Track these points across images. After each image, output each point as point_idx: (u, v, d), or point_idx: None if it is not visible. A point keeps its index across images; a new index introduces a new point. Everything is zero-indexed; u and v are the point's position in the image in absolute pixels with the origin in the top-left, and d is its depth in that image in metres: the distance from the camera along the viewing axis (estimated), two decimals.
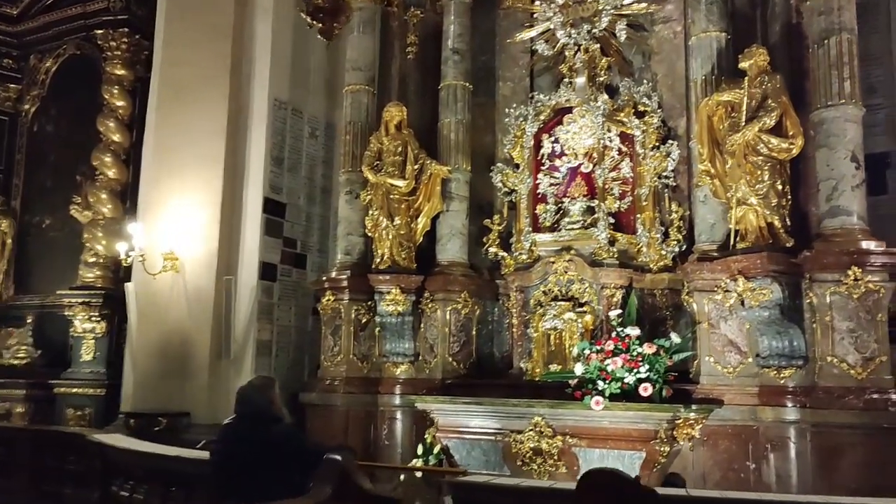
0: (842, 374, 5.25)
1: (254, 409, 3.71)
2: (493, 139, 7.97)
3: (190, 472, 4.47)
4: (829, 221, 5.51)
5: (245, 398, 3.76)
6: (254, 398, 3.74)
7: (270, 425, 3.72)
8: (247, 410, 3.72)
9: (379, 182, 7.26)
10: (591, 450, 5.80)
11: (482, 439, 6.28)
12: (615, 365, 5.73)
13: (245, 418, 3.72)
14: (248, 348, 7.90)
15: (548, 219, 7.16)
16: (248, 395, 3.76)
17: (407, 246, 7.33)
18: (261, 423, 3.68)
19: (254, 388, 3.80)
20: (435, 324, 7.22)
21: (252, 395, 3.75)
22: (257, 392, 3.77)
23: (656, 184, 6.94)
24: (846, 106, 5.56)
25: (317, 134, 8.95)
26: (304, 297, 8.60)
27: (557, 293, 6.71)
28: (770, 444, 5.67)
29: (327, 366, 7.48)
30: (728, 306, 5.93)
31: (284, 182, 8.47)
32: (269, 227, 8.20)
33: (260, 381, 3.91)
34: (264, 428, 3.67)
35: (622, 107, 7.14)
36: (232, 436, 3.73)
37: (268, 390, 3.85)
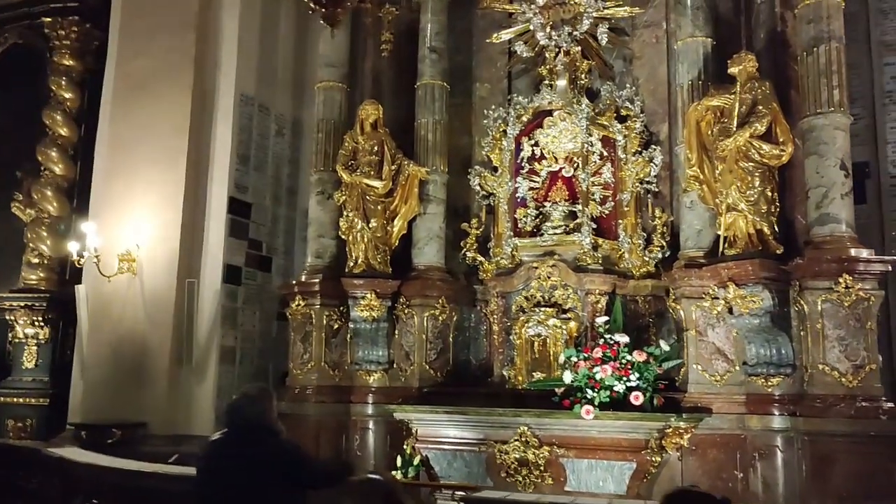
0: (833, 381, 5.23)
1: (247, 422, 3.40)
2: (470, 141, 7.79)
3: (166, 489, 4.11)
4: (818, 229, 5.49)
5: (237, 409, 3.44)
6: (247, 409, 3.43)
7: (265, 439, 3.42)
8: (238, 423, 3.40)
9: (354, 182, 6.99)
10: (579, 460, 5.65)
11: (464, 450, 6.08)
12: (605, 373, 5.60)
13: (236, 432, 3.40)
14: (211, 355, 7.51)
15: (528, 223, 7.00)
16: (240, 406, 3.45)
17: (382, 249, 7.07)
18: (254, 437, 3.38)
19: (247, 398, 3.48)
20: (411, 330, 6.98)
21: (245, 406, 3.44)
22: (251, 403, 3.46)
23: (638, 189, 6.86)
24: (835, 114, 5.56)
25: (284, 132, 8.63)
26: (269, 301, 8.25)
27: (540, 299, 6.56)
28: (758, 453, 5.62)
29: (297, 374, 7.15)
30: (716, 313, 5.87)
31: (250, 181, 8.12)
32: (233, 228, 7.84)
33: (254, 390, 3.59)
34: (258, 442, 3.37)
35: (603, 111, 7.05)
36: (221, 452, 3.40)
37: (263, 401, 3.54)
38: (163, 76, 7.95)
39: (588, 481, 5.63)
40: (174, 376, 7.45)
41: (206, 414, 7.42)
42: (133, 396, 7.38)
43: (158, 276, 7.57)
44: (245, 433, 3.40)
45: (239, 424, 3.43)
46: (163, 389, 7.40)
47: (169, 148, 7.77)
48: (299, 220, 8.70)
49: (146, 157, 7.84)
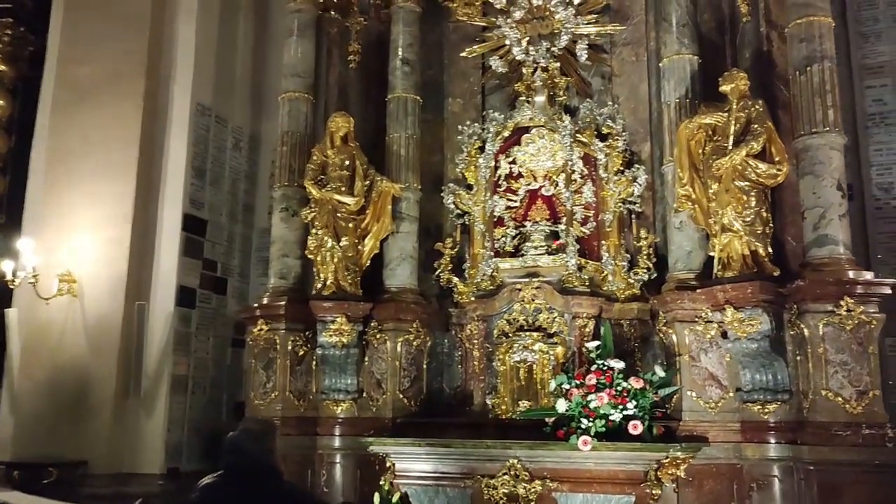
0: (836, 408, 5.05)
1: (249, 463, 2.94)
2: (442, 158, 7.46)
3: None
4: (816, 251, 5.35)
5: (237, 448, 2.98)
6: (249, 448, 2.97)
7: (269, 483, 2.96)
8: (240, 464, 2.94)
9: (324, 198, 6.54)
10: (573, 494, 5.29)
11: (447, 485, 5.65)
12: (600, 401, 5.28)
13: (236, 474, 2.93)
14: (162, 385, 6.89)
15: (508, 243, 6.69)
16: (241, 443, 2.98)
17: (353, 270, 6.63)
18: (257, 481, 2.92)
19: (250, 434, 3.02)
20: (383, 356, 6.54)
21: (247, 445, 2.98)
22: (255, 440, 3.00)
23: (621, 209, 6.65)
24: (830, 133, 5.46)
25: (241, 145, 8.12)
26: (223, 326, 7.68)
27: (523, 322, 6.23)
28: (756, 483, 5.40)
29: (258, 404, 6.60)
30: (709, 338, 5.66)
31: (206, 196, 7.58)
32: (188, 247, 7.27)
33: (257, 425, 3.14)
34: (261, 486, 2.91)
35: (583, 129, 6.83)
36: (217, 497, 2.93)
37: (267, 438, 3.09)
38: (110, 83, 7.37)
39: None
40: (119, 409, 6.80)
41: (154, 450, 6.78)
42: (72, 431, 6.68)
43: (103, 298, 6.93)
44: (246, 476, 2.93)
45: (239, 465, 2.96)
46: (106, 423, 6.73)
47: (117, 160, 7.18)
48: (256, 239, 8.19)
49: (91, 169, 7.22)
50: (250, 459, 2.95)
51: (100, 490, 6.32)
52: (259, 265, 8.12)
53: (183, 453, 7.01)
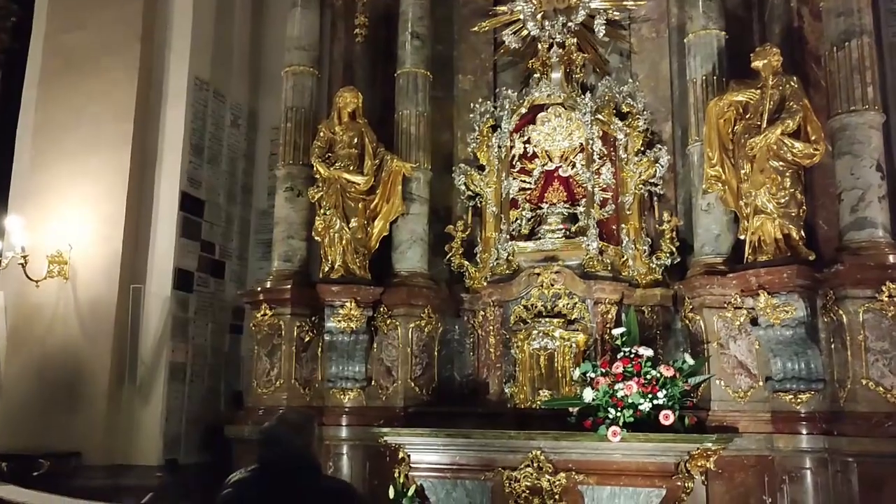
0: (877, 398, 4.83)
1: (287, 457, 2.64)
2: (451, 137, 7.18)
3: None
4: (855, 234, 5.12)
5: (276, 440, 2.67)
6: (290, 440, 2.67)
7: (309, 478, 2.66)
8: (277, 458, 2.64)
9: (333, 177, 6.22)
10: (600, 487, 5.05)
11: (465, 478, 5.38)
12: (629, 390, 5.03)
13: (274, 469, 2.63)
14: (160, 372, 6.55)
15: (523, 226, 6.41)
16: (281, 435, 2.68)
17: (362, 252, 6.32)
18: (296, 476, 2.62)
19: (289, 426, 2.72)
20: (394, 343, 6.26)
21: (287, 437, 2.68)
22: (294, 432, 2.70)
23: (642, 191, 6.40)
24: (869, 112, 5.23)
25: (239, 123, 7.76)
26: (222, 311, 7.34)
27: (542, 308, 5.97)
28: (788, 475, 5.19)
29: (261, 393, 6.28)
30: (738, 325, 5.43)
31: (204, 175, 7.21)
32: (185, 228, 6.91)
33: (297, 416, 2.83)
34: (301, 482, 2.61)
35: (601, 107, 6.55)
36: (252, 495, 2.62)
37: (307, 430, 2.80)
38: (103, 53, 6.98)
39: None
40: (114, 398, 6.45)
41: (151, 441, 6.45)
42: (64, 421, 6.33)
43: (96, 280, 6.57)
44: (284, 471, 2.63)
45: (276, 459, 2.66)
46: (100, 413, 6.38)
47: (110, 134, 6.80)
48: (254, 221, 7.85)
49: (82, 144, 6.84)
50: (289, 453, 2.65)
51: (94, 482, 5.98)
52: (258, 248, 7.78)
53: (181, 444, 6.68)
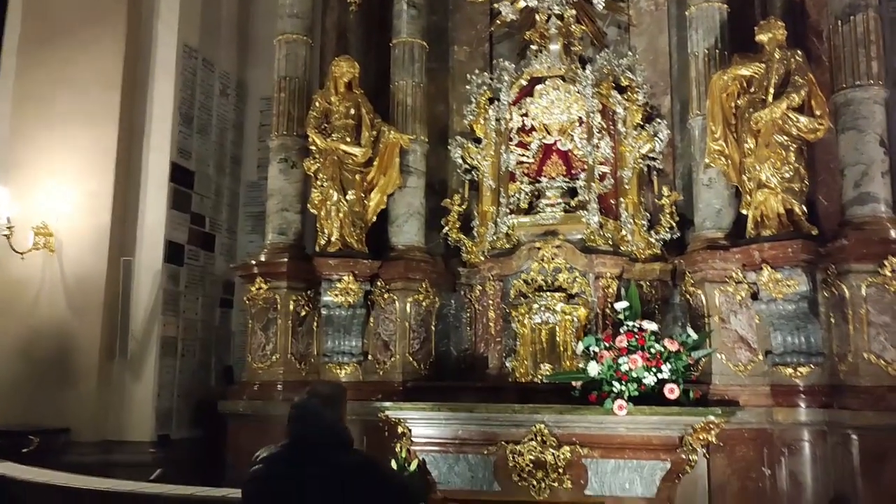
0: (879, 371, 4.88)
1: (320, 431, 2.57)
2: (447, 109, 7.08)
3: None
4: (858, 209, 5.15)
5: (308, 414, 2.59)
6: (322, 414, 2.59)
7: (343, 453, 2.60)
8: (310, 433, 2.56)
9: (330, 148, 6.09)
10: (604, 461, 5.04)
11: (468, 452, 5.35)
12: (634, 364, 5.02)
13: (305, 444, 2.56)
14: (151, 347, 6.41)
15: (522, 200, 6.36)
16: (313, 409, 2.60)
17: (359, 225, 6.22)
18: (329, 451, 2.55)
19: (322, 399, 2.63)
20: (391, 318, 6.19)
21: (319, 410, 2.60)
22: (326, 405, 2.62)
23: (640, 166, 6.37)
24: (874, 87, 5.24)
25: (228, 92, 7.56)
26: (212, 285, 7.20)
27: (542, 283, 5.93)
28: (787, 448, 5.26)
29: (256, 367, 6.19)
30: (739, 299, 5.45)
31: (193, 146, 7.02)
32: (176, 200, 6.74)
33: (328, 389, 2.75)
34: (335, 457, 2.54)
35: (600, 81, 6.48)
36: (287, 471, 2.54)
37: (340, 403, 2.72)
38: (87, 19, 6.73)
39: (612, 484, 5.04)
40: (105, 373, 6.30)
41: (143, 416, 6.32)
42: (53, 397, 6.18)
43: (84, 253, 6.38)
44: (317, 446, 2.56)
45: (308, 434, 2.58)
46: (90, 388, 6.24)
47: (96, 102, 6.58)
48: (244, 193, 7.69)
49: (66, 113, 6.61)
50: (322, 427, 2.58)
51: (85, 458, 5.85)
52: (247, 221, 7.64)
53: (173, 420, 6.57)
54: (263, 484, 2.58)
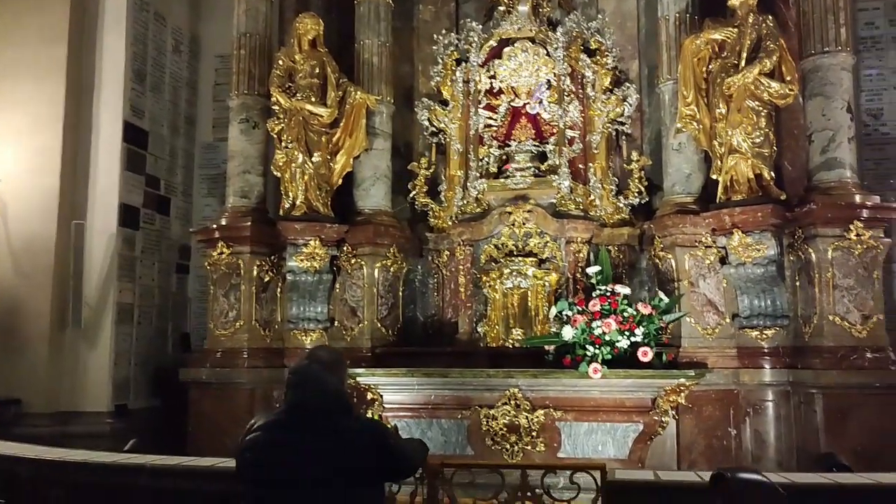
0: (843, 333, 5.02)
1: (322, 397, 2.46)
2: (412, 70, 6.92)
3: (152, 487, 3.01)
4: (825, 174, 5.24)
5: (310, 380, 2.47)
6: (325, 380, 2.48)
7: (345, 419, 2.50)
8: (312, 398, 2.45)
9: (295, 109, 5.89)
10: (577, 423, 5.11)
11: (441, 417, 5.33)
12: (608, 328, 5.05)
13: (305, 410, 2.45)
14: (107, 314, 6.16)
15: (491, 164, 6.28)
16: (315, 375, 2.48)
17: (325, 189, 6.06)
18: (331, 418, 2.46)
19: (323, 364, 2.52)
20: (359, 283, 6.07)
21: (322, 375, 2.49)
22: (327, 370, 2.52)
23: (609, 130, 6.34)
24: (841, 53, 5.31)
25: (181, 49, 7.23)
26: (168, 250, 6.93)
27: (512, 248, 5.90)
28: (752, 408, 5.39)
29: (219, 334, 6.01)
30: (708, 263, 5.52)
31: (147, 104, 6.70)
32: (130, 161, 6.43)
33: (328, 354, 2.63)
34: (337, 424, 2.45)
35: (569, 43, 6.41)
36: (288, 438, 2.44)
37: (341, 368, 2.62)
38: None
39: (585, 446, 5.11)
40: (56, 341, 6.03)
41: (99, 386, 6.09)
42: (1, 367, 5.88)
43: (32, 216, 6.06)
44: (318, 412, 2.46)
45: (309, 400, 2.48)
46: (41, 358, 5.96)
47: (41, 59, 6.19)
48: (198, 155, 7.40)
49: (9, 69, 6.22)
50: (323, 393, 2.47)
51: (39, 430, 5.61)
52: (204, 184, 7.37)
53: (130, 389, 6.35)
54: (262, 452, 2.46)
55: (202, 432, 5.80)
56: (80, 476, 2.99)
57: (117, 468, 3.01)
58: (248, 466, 2.52)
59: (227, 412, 5.77)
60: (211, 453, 5.07)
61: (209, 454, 4.71)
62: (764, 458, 5.36)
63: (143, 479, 2.92)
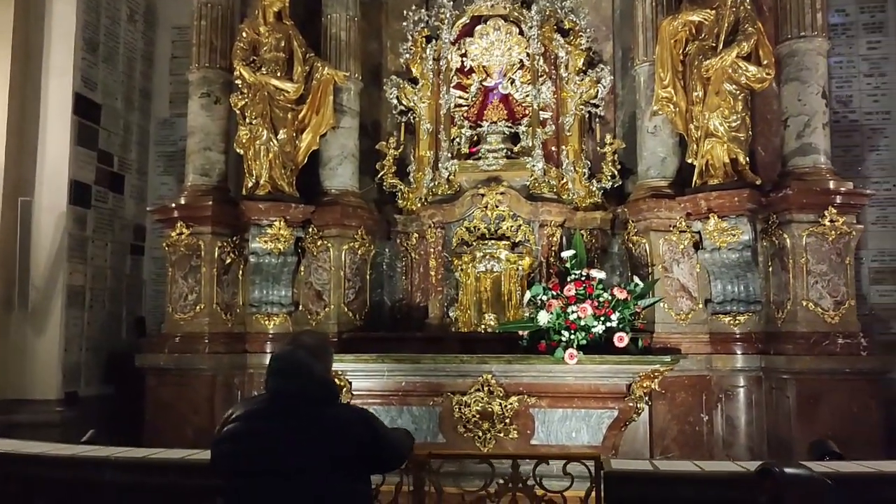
0: (816, 318, 5.03)
1: (305, 384, 2.29)
2: (380, 47, 6.71)
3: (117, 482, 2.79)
4: (800, 160, 5.23)
5: (296, 367, 2.29)
6: (311, 366, 2.30)
7: (331, 407, 2.33)
8: (297, 386, 2.27)
9: (260, 83, 5.63)
10: (552, 410, 4.99)
11: (412, 404, 5.17)
12: (584, 313, 4.94)
13: (288, 398, 2.27)
14: (56, 296, 5.81)
15: (463, 145, 6.12)
16: (301, 362, 2.30)
17: (290, 167, 5.83)
18: (316, 406, 2.29)
19: (309, 350, 2.34)
20: (325, 266, 5.87)
21: (308, 362, 2.31)
22: (314, 357, 2.34)
23: (582, 112, 6.24)
24: (817, 38, 5.30)
25: (136, 18, 6.86)
26: (121, 230, 6.60)
27: (484, 231, 5.77)
28: (724, 394, 5.38)
29: (178, 318, 5.74)
30: (681, 248, 5.47)
31: (99, 76, 6.34)
32: (81, 135, 6.08)
33: (314, 339, 2.44)
34: (322, 412, 2.28)
35: (542, 22, 6.27)
36: (268, 426, 2.26)
37: (327, 354, 2.44)
38: None
39: (559, 433, 5.00)
40: (2, 325, 5.68)
41: (48, 372, 5.76)
42: None
43: None
44: (302, 400, 2.29)
45: (293, 388, 2.30)
46: None
47: None
48: (154, 131, 7.06)
49: None
50: (312, 381, 2.30)
51: None
52: (160, 161, 7.04)
53: (81, 376, 6.03)
54: (243, 443, 2.28)
55: (160, 421, 5.55)
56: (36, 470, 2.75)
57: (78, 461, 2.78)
58: (228, 458, 2.33)
59: (187, 399, 5.54)
60: (170, 442, 4.87)
61: (168, 443, 4.51)
62: (735, 444, 5.37)
63: (107, 473, 2.70)
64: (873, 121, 6.38)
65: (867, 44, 6.44)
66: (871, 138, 6.38)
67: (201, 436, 5.39)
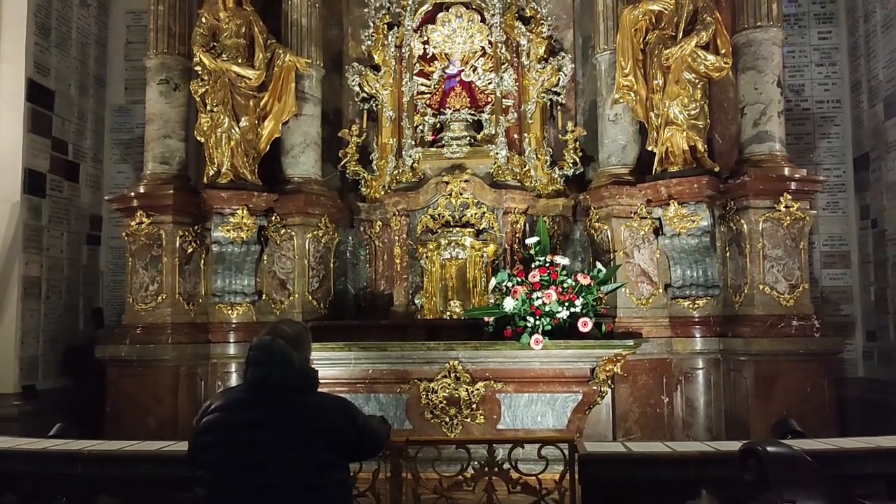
0: (772, 302, 5.19)
1: (291, 374, 2.29)
2: (342, 34, 6.65)
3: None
4: (756, 147, 5.37)
5: (276, 356, 2.29)
6: (291, 356, 2.31)
7: (310, 397, 2.34)
8: (276, 375, 2.27)
9: (221, 70, 5.55)
10: (518, 395, 5.07)
11: (379, 392, 5.20)
12: (549, 299, 5.02)
13: (267, 387, 2.28)
14: (12, 288, 5.66)
15: (426, 132, 6.13)
16: (281, 351, 2.30)
17: (252, 155, 5.77)
18: (296, 395, 2.30)
19: (288, 339, 2.34)
20: (289, 255, 5.84)
21: (287, 351, 2.31)
22: (294, 346, 2.34)
23: (544, 100, 6.29)
24: (773, 28, 5.44)
25: (89, 2, 6.68)
26: (77, 220, 6.45)
27: (449, 218, 5.80)
28: (684, 376, 5.52)
29: (139, 309, 5.65)
30: (642, 234, 5.59)
31: (52, 61, 6.16)
32: (34, 122, 5.91)
33: (293, 328, 2.43)
34: (303, 401, 2.29)
35: (504, 10, 6.29)
36: (249, 415, 2.25)
37: (304, 343, 2.44)
38: None
39: (524, 417, 5.09)
40: None
41: (5, 366, 5.62)
42: None
43: None
44: (281, 390, 2.30)
45: (272, 377, 2.31)
46: None
47: None
48: (109, 118, 6.91)
49: None
50: (292, 370, 2.30)
51: None
52: (115, 149, 6.90)
53: (39, 368, 5.89)
54: (222, 433, 2.28)
55: (123, 413, 5.47)
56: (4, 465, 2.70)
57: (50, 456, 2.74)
58: (208, 450, 2.33)
59: (150, 391, 5.47)
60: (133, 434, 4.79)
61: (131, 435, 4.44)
62: (694, 425, 5.52)
63: (80, 467, 2.66)
64: (824, 109, 6.58)
65: (818, 34, 6.63)
66: (822, 126, 6.58)
67: (165, 427, 5.35)
